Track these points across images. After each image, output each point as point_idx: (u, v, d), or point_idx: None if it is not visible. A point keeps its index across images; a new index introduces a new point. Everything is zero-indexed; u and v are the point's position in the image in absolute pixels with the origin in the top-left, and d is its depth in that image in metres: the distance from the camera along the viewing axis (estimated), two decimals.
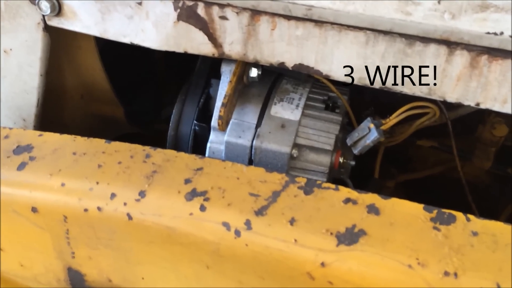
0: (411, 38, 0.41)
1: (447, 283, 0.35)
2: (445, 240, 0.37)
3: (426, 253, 0.36)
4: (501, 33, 0.38)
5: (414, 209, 0.39)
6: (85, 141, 0.49)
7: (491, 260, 0.35)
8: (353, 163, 0.54)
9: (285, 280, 0.40)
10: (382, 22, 0.40)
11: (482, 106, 0.42)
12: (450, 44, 0.40)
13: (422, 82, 0.43)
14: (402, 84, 0.44)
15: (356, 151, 0.50)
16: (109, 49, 0.62)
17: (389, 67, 0.43)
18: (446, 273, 0.35)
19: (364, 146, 0.49)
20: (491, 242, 0.36)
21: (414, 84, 0.43)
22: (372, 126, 0.48)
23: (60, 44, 0.59)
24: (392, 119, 0.48)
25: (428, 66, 0.42)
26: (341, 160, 0.53)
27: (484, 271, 0.35)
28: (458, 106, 0.49)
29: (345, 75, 0.45)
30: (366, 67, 0.44)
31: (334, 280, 0.37)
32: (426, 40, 0.41)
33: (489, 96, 0.41)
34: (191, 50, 0.49)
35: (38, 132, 0.51)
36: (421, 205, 0.39)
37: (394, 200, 0.40)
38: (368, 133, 0.49)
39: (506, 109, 0.41)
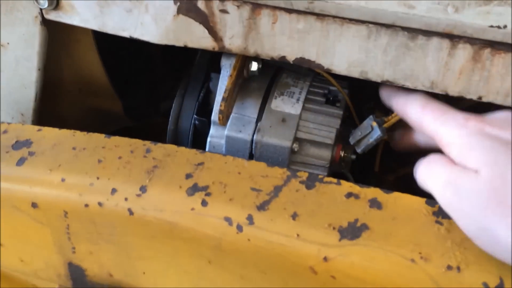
0: (413, 32, 0.41)
1: (450, 277, 0.35)
2: (447, 234, 0.37)
3: (429, 247, 0.36)
4: (505, 27, 0.38)
5: (416, 203, 0.39)
6: (84, 136, 0.48)
7: None
8: (353, 156, 0.54)
9: (287, 274, 0.40)
10: (385, 15, 0.40)
11: (484, 100, 0.42)
12: (453, 37, 0.40)
13: (424, 76, 0.43)
14: (404, 78, 0.43)
15: (359, 150, 0.50)
16: (105, 43, 0.62)
17: (391, 60, 0.43)
18: (449, 267, 0.35)
19: (367, 144, 0.49)
20: None
21: (416, 78, 0.43)
22: (374, 124, 0.48)
23: (57, 38, 0.58)
24: (395, 117, 0.47)
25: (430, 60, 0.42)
26: (342, 153, 0.53)
27: (487, 264, 0.35)
28: (458, 99, 0.49)
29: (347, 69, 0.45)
30: (368, 61, 0.43)
31: (336, 274, 0.37)
32: (428, 33, 0.40)
33: (491, 90, 0.41)
34: (191, 44, 0.48)
35: (37, 127, 0.50)
36: (423, 199, 0.39)
37: (396, 194, 0.40)
38: (371, 132, 0.48)
39: (508, 102, 0.41)
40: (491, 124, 0.37)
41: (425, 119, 0.42)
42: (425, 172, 0.40)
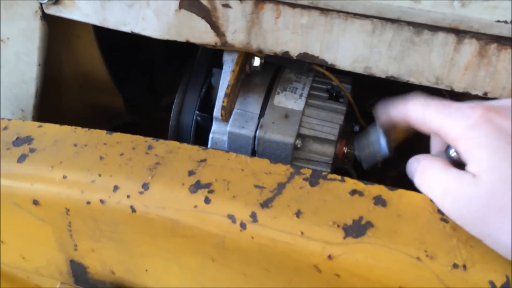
0: (419, 26, 0.40)
1: (456, 275, 0.34)
2: (453, 232, 0.37)
3: (434, 245, 0.36)
4: None
5: (421, 200, 0.39)
6: (85, 132, 0.48)
7: None
8: (357, 153, 0.53)
9: (291, 272, 0.39)
10: (390, 10, 0.40)
11: (490, 96, 0.42)
12: (459, 32, 0.39)
13: (429, 72, 0.42)
14: (409, 73, 0.43)
15: (366, 166, 0.47)
16: (106, 38, 0.61)
17: (396, 56, 0.42)
18: (455, 265, 0.35)
19: (374, 161, 0.47)
20: None
21: (420, 73, 0.43)
22: (383, 141, 0.45)
23: (58, 33, 0.58)
24: (401, 133, 0.45)
25: (435, 55, 0.41)
26: (345, 150, 0.52)
27: (493, 263, 0.34)
28: (462, 95, 0.48)
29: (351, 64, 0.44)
30: (372, 56, 0.43)
31: (341, 272, 0.37)
32: (434, 28, 0.40)
33: (497, 86, 0.41)
34: (193, 39, 0.48)
35: (38, 123, 0.50)
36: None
37: (401, 192, 0.40)
38: (379, 150, 0.46)
39: None
40: (498, 113, 0.35)
41: (429, 115, 0.39)
42: (421, 180, 0.39)
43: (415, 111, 0.41)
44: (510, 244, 0.33)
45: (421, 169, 0.40)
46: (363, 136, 0.47)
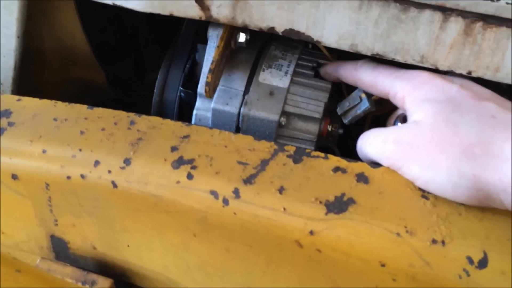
0: (405, 4, 0.40)
1: (435, 250, 0.35)
2: (433, 208, 0.37)
3: (414, 222, 0.36)
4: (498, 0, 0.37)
5: (402, 177, 0.39)
6: (66, 107, 0.47)
7: (479, 228, 0.36)
8: (341, 131, 0.53)
9: (273, 248, 0.40)
10: None
11: (474, 75, 0.42)
12: (445, 10, 0.39)
13: (415, 50, 0.42)
14: (394, 51, 0.43)
15: (346, 121, 0.50)
16: (88, 11, 0.59)
17: (382, 33, 0.42)
18: (434, 241, 0.35)
19: (354, 116, 0.49)
20: (478, 210, 0.37)
21: (406, 51, 0.42)
22: (363, 96, 0.47)
23: (37, 4, 0.56)
24: None
25: (421, 33, 0.41)
26: (329, 128, 0.52)
27: (471, 239, 0.35)
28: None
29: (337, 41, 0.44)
30: (358, 33, 0.43)
31: (322, 248, 0.37)
32: (421, 5, 0.39)
33: (481, 65, 0.41)
34: (177, 13, 0.47)
35: (17, 97, 0.49)
36: None
37: (383, 169, 0.40)
38: (359, 103, 0.48)
39: (497, 78, 0.41)
40: (442, 77, 0.40)
41: (379, 77, 0.43)
42: (363, 140, 0.43)
43: (365, 73, 0.45)
44: (450, 171, 0.35)
45: (364, 133, 0.43)
46: (346, 98, 0.50)
